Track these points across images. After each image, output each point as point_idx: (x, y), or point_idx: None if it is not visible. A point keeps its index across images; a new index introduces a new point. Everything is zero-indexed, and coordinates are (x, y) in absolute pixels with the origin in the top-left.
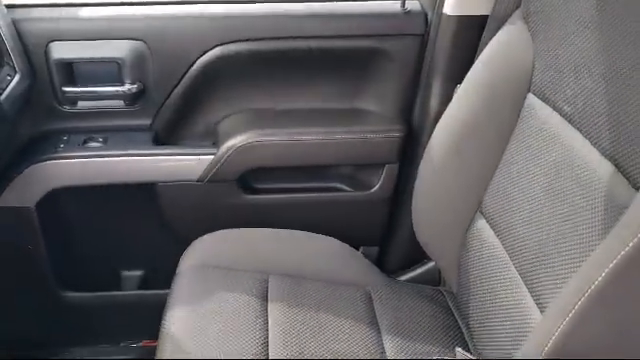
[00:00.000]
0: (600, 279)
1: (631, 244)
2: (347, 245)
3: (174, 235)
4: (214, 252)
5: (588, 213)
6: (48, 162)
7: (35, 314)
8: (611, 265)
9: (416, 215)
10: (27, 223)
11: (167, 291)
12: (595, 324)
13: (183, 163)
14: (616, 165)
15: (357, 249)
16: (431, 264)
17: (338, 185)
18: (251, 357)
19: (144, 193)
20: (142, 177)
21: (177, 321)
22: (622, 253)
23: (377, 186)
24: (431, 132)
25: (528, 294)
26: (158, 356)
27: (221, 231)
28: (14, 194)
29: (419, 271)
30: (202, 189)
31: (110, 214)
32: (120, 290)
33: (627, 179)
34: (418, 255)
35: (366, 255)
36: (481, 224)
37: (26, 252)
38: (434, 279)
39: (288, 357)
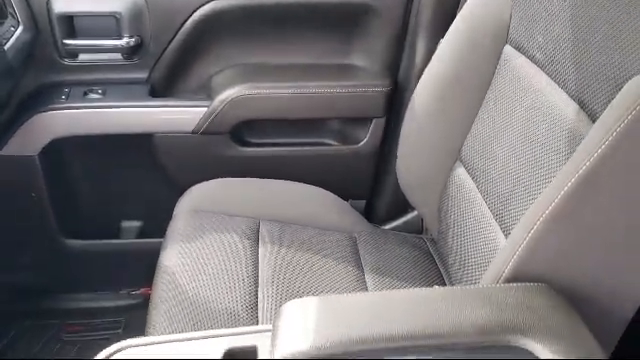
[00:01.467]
0: (555, 201)
1: (584, 168)
2: (335, 195)
3: (170, 185)
4: (208, 198)
5: (555, 152)
6: (50, 112)
7: (38, 261)
8: (565, 188)
9: (400, 166)
10: (30, 172)
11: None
12: (552, 243)
13: (178, 115)
14: (580, 104)
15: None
16: (414, 214)
17: (327, 140)
18: (241, 292)
19: (141, 144)
20: (139, 128)
21: (172, 257)
22: (575, 177)
23: (364, 140)
24: (416, 86)
25: (499, 230)
26: (153, 289)
27: (215, 180)
28: (18, 143)
29: (403, 220)
30: (196, 140)
31: (109, 164)
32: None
33: (589, 116)
34: (403, 207)
35: (353, 208)
36: (460, 171)
37: (30, 200)
38: (417, 228)
39: (276, 293)
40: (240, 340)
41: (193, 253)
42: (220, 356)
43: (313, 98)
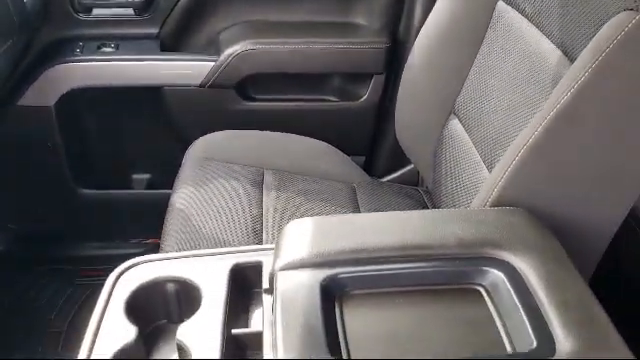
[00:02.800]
0: (535, 134)
1: (561, 103)
2: (336, 148)
3: (178, 138)
4: (215, 149)
5: (538, 94)
6: (66, 64)
7: (52, 210)
8: (544, 122)
9: (398, 120)
10: (46, 122)
11: None
12: (532, 174)
13: (187, 69)
14: (563, 51)
15: None
16: (411, 166)
17: (328, 97)
18: (246, 226)
19: (151, 96)
20: (149, 81)
21: (181, 198)
22: (554, 111)
23: (365, 97)
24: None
25: (488, 174)
26: (164, 225)
27: (221, 132)
28: (35, 94)
29: (400, 173)
30: (204, 94)
31: (121, 117)
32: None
33: (570, 60)
34: (400, 162)
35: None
36: (454, 123)
37: (45, 150)
38: (413, 180)
39: (279, 226)
40: (246, 257)
41: (201, 195)
42: (227, 270)
43: (314, 54)
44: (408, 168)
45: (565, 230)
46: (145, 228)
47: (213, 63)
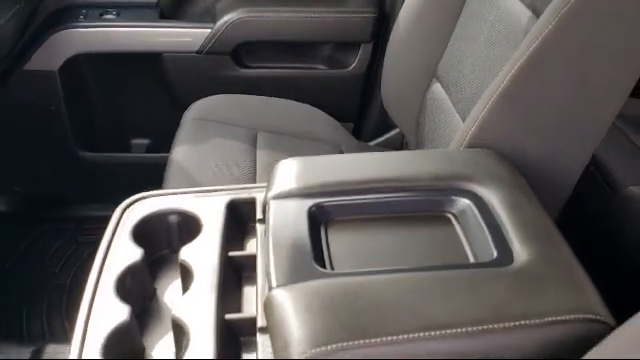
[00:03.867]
0: (503, 83)
1: (527, 54)
2: (325, 113)
3: (176, 103)
4: (211, 111)
5: (511, 51)
6: (69, 30)
7: (56, 172)
8: (512, 71)
9: (384, 87)
10: (51, 86)
11: None
12: (501, 120)
13: (185, 36)
14: (533, 11)
15: None
16: (397, 131)
17: (319, 65)
18: (242, 175)
19: (151, 63)
20: (149, 47)
21: (180, 154)
22: (520, 61)
23: (353, 65)
24: None
25: None
26: (165, 177)
27: (217, 96)
28: (40, 59)
29: (385, 137)
30: (201, 60)
31: (121, 82)
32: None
33: (538, 18)
34: (387, 127)
35: None
36: (436, 87)
37: (49, 114)
38: (398, 143)
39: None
40: (241, 193)
41: (198, 152)
42: (224, 204)
43: (305, 22)
44: (393, 133)
45: (532, 173)
46: (144, 190)
47: (209, 30)
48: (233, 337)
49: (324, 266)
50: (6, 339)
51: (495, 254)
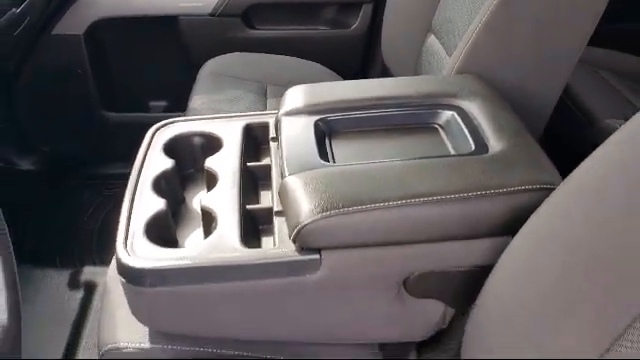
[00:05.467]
0: (484, 19)
1: None
2: (330, 70)
3: (191, 64)
4: (225, 67)
5: None
6: None
7: (81, 132)
8: (491, 7)
9: (384, 43)
10: (76, 49)
11: None
12: (485, 49)
13: (199, 0)
14: None
15: None
16: None
17: (323, 27)
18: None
19: (167, 26)
20: (166, 11)
21: (198, 102)
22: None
23: (354, 25)
24: None
25: None
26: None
27: (229, 54)
28: (66, 24)
29: None
30: (214, 22)
31: (141, 45)
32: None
33: None
34: None
35: None
36: (431, 39)
37: (75, 76)
38: None
39: None
40: (256, 118)
41: (212, 101)
42: (241, 127)
43: None
44: None
45: (512, 99)
46: None
47: None
48: (254, 225)
49: (328, 161)
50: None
51: (473, 147)
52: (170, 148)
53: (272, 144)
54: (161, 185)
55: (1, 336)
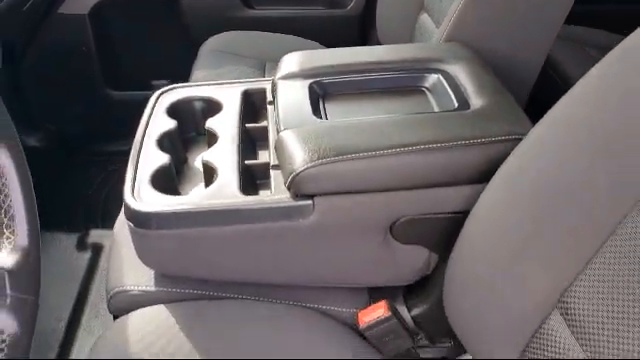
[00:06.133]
0: None
1: None
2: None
3: (191, 43)
4: (225, 44)
5: None
6: None
7: (85, 110)
8: None
9: (379, 22)
10: (81, 28)
11: None
12: (472, 18)
13: None
14: None
15: None
16: None
17: (319, 7)
18: None
19: (169, 5)
20: None
21: (200, 77)
22: None
23: (350, 5)
24: None
25: None
26: None
27: (228, 32)
28: (71, 4)
29: None
30: (214, 2)
31: (143, 25)
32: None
33: None
34: None
35: None
36: (424, 17)
37: (80, 55)
38: None
39: None
40: (253, 84)
41: (213, 75)
42: (240, 92)
43: None
44: None
45: (498, 67)
46: None
47: None
48: (252, 179)
49: (321, 118)
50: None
51: (456, 105)
52: (173, 111)
53: (269, 107)
54: (164, 143)
55: (22, 260)
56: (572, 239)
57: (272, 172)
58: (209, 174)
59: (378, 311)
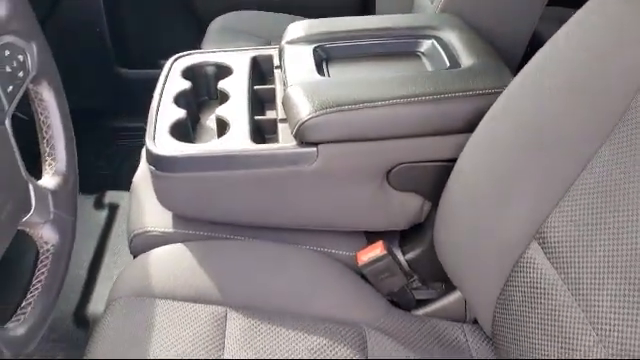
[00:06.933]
0: None
1: None
2: None
3: (200, 22)
4: (231, 24)
5: None
6: None
7: (97, 87)
8: None
9: (378, 2)
10: (95, 10)
11: None
12: None
13: None
14: None
15: None
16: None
17: None
18: None
19: None
20: None
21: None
22: None
23: None
24: None
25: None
26: None
27: (235, 12)
28: None
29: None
30: None
31: (154, 5)
32: None
33: None
34: None
35: None
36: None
37: (94, 35)
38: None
39: None
40: (262, 52)
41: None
42: (249, 59)
43: None
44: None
45: (489, 40)
46: None
47: None
48: (261, 134)
49: (324, 76)
50: None
51: (447, 64)
52: (187, 74)
53: (276, 71)
54: (180, 101)
55: (62, 183)
56: (548, 175)
57: (279, 126)
58: (222, 127)
59: (375, 250)
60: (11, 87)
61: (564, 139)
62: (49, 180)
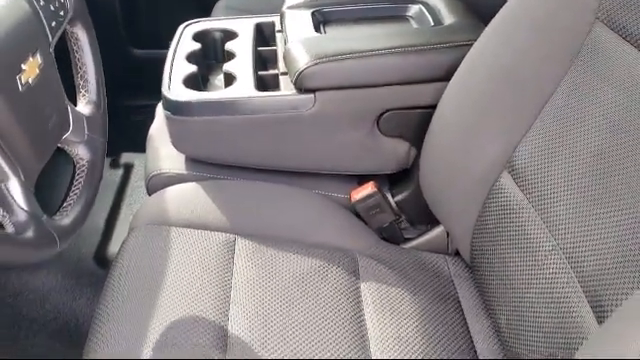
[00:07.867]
0: None
1: None
2: None
3: (202, 8)
4: (237, 2)
5: None
6: None
7: (110, 66)
8: None
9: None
10: None
11: None
12: None
13: None
14: None
15: None
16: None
17: None
18: None
19: None
20: None
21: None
22: None
23: None
24: None
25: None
26: None
27: None
28: None
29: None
30: None
31: None
32: None
33: None
34: None
35: None
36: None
37: (107, 15)
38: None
39: None
40: (264, 19)
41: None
42: (253, 25)
43: None
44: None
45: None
46: None
47: None
48: (264, 87)
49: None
50: None
51: (432, 24)
52: (197, 37)
53: (278, 35)
54: (191, 59)
55: (94, 110)
56: (515, 111)
57: (281, 78)
58: (229, 80)
59: (367, 188)
60: (54, 23)
61: (529, 77)
62: (83, 107)
